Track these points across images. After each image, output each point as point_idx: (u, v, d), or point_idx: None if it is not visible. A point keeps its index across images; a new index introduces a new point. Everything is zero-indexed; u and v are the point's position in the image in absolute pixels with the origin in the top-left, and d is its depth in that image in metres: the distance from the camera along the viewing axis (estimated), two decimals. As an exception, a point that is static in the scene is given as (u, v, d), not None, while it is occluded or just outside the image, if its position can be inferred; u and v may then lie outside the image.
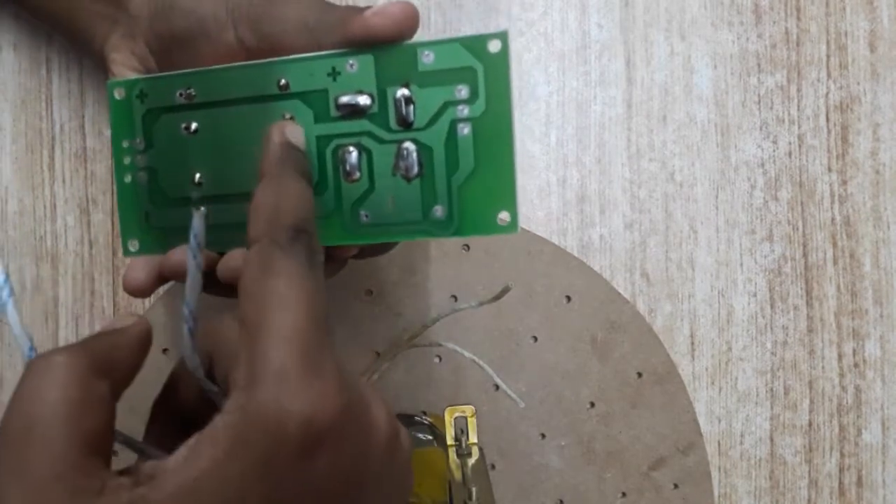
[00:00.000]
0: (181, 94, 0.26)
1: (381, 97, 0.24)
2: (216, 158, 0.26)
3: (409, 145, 0.23)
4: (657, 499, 0.37)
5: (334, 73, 0.24)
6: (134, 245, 0.27)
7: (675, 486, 0.37)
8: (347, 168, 0.24)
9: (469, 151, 0.23)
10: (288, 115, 0.25)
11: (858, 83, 0.37)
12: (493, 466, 0.36)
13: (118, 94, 0.27)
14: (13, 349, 0.36)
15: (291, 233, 0.21)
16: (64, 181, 0.36)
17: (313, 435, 0.18)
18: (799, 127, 0.37)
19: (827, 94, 0.37)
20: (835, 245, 0.37)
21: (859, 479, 0.37)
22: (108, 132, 0.37)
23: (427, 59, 0.23)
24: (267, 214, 0.21)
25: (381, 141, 0.24)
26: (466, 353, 0.34)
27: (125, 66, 0.29)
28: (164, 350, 0.36)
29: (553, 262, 0.36)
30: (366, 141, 0.24)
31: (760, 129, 0.37)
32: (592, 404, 0.37)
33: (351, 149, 0.24)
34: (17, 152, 0.36)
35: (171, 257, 0.26)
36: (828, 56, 0.37)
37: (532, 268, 0.36)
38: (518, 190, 0.23)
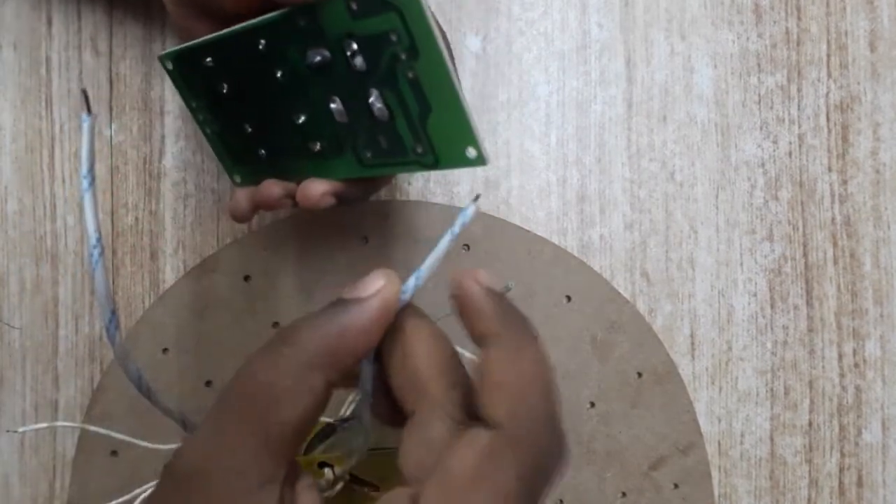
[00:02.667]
0: (207, 62, 0.28)
1: (337, 50, 0.24)
2: (253, 109, 0.28)
3: (373, 91, 0.24)
4: (657, 499, 0.37)
5: (293, 31, 0.25)
6: (237, 178, 0.31)
7: (675, 486, 0.37)
8: (337, 116, 0.26)
9: (421, 94, 0.23)
10: (278, 73, 0.26)
11: (859, 83, 0.37)
12: (493, 466, 0.36)
13: (168, 65, 0.29)
14: (13, 349, 0.36)
15: (536, 432, 0.18)
16: (64, 181, 0.36)
17: None
18: (799, 126, 0.37)
19: (827, 93, 0.37)
20: (835, 245, 0.37)
21: (859, 479, 0.37)
22: (107, 132, 0.37)
23: (354, 8, 0.23)
24: (510, 397, 0.18)
25: (352, 91, 0.25)
26: (466, 353, 0.34)
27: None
28: (164, 350, 0.36)
29: (553, 262, 0.36)
30: (341, 92, 0.25)
31: (760, 128, 0.37)
32: (592, 404, 0.37)
33: (335, 97, 0.25)
34: (17, 152, 0.36)
35: (260, 189, 0.28)
36: (828, 56, 0.37)
37: (532, 268, 0.36)
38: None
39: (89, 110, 0.19)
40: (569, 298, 0.37)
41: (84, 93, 0.20)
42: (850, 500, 0.37)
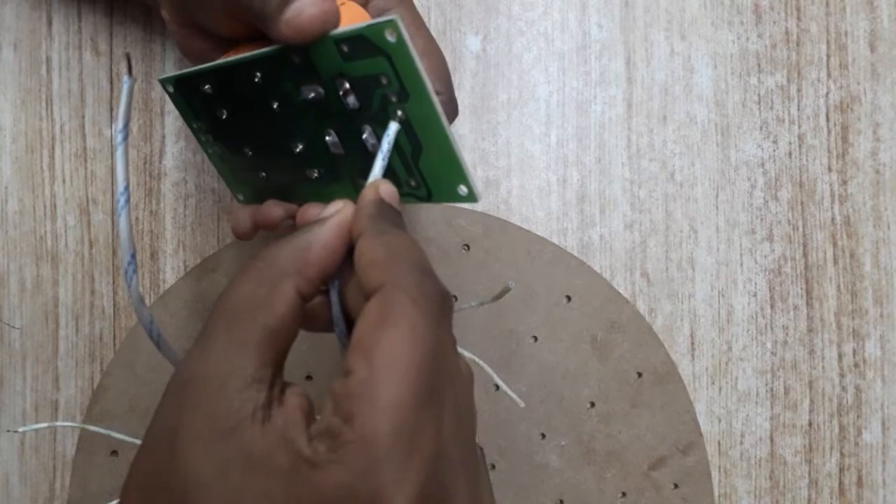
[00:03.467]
0: (205, 88, 0.27)
1: (330, 87, 0.25)
2: (252, 135, 0.28)
3: (366, 128, 0.24)
4: (657, 499, 0.37)
5: (287, 66, 0.25)
6: (240, 196, 0.31)
7: (675, 486, 0.37)
8: (332, 148, 0.26)
9: (412, 134, 0.24)
10: (274, 105, 0.26)
11: (858, 83, 0.37)
12: (493, 466, 0.36)
13: (169, 88, 0.29)
14: (13, 349, 0.36)
15: (418, 276, 0.20)
16: (64, 181, 0.36)
17: None
18: (799, 127, 0.37)
19: (827, 94, 0.37)
20: (835, 245, 0.37)
21: (859, 479, 0.37)
22: (107, 132, 0.37)
23: (345, 50, 0.23)
24: (381, 265, 0.20)
25: (345, 125, 0.25)
26: (466, 353, 0.34)
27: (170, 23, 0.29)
28: (164, 350, 0.36)
29: (553, 262, 0.36)
30: (335, 125, 0.25)
31: (760, 128, 0.37)
32: (592, 404, 0.37)
33: (330, 131, 0.26)
34: (17, 152, 0.36)
35: (262, 210, 0.29)
36: (828, 56, 0.37)
37: (532, 268, 0.36)
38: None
39: (130, 73, 0.21)
40: (569, 298, 0.37)
41: (127, 56, 0.21)
42: (850, 500, 0.37)
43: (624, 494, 0.37)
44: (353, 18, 0.26)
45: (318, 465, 0.18)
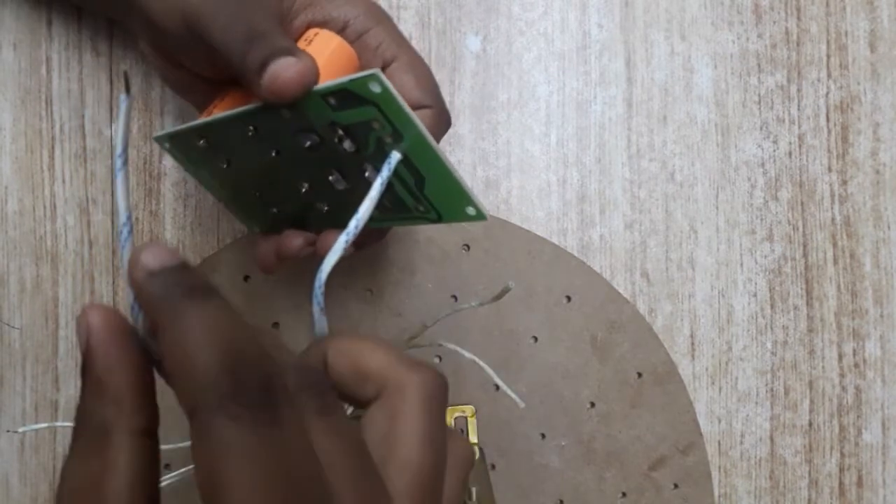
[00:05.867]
0: (200, 143, 0.27)
1: (326, 135, 0.25)
2: (256, 180, 0.28)
3: (367, 166, 0.25)
4: (657, 499, 0.37)
5: (279, 119, 0.25)
6: (256, 229, 0.31)
7: (675, 486, 0.37)
8: (336, 185, 0.26)
9: (413, 168, 0.24)
10: (273, 153, 0.26)
11: (858, 83, 0.37)
12: (493, 466, 0.36)
13: (166, 145, 0.29)
14: (13, 349, 0.36)
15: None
16: (64, 181, 0.36)
17: None
18: (799, 127, 0.37)
19: (827, 93, 0.37)
20: (835, 245, 0.37)
21: (859, 479, 0.37)
22: (107, 132, 0.37)
23: (333, 102, 0.23)
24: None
25: (347, 166, 0.25)
26: (466, 353, 0.34)
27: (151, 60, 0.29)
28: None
29: (553, 262, 0.36)
30: (337, 166, 0.26)
31: (760, 128, 0.37)
32: (592, 404, 0.37)
33: (333, 170, 0.26)
34: (17, 152, 0.36)
35: (281, 240, 0.29)
36: (828, 56, 0.37)
37: (532, 268, 0.36)
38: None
39: (128, 91, 0.19)
40: (569, 298, 0.37)
41: (125, 75, 0.19)
42: (850, 500, 0.37)
43: (624, 494, 0.37)
44: (330, 57, 0.26)
45: None
